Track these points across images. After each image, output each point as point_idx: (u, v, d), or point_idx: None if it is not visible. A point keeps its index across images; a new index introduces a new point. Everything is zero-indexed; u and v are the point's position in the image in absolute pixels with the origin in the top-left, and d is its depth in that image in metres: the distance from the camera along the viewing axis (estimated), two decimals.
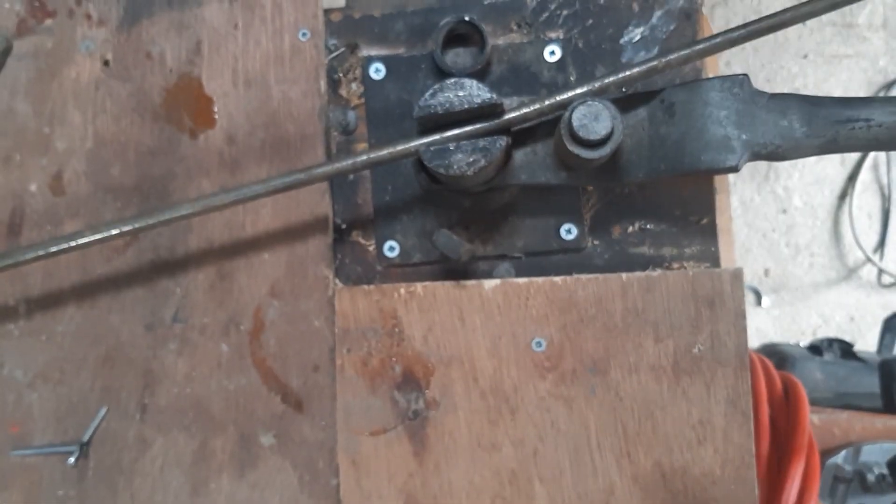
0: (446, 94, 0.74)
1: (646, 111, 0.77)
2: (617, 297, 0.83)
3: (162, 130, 0.90)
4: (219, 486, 0.87)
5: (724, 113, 0.74)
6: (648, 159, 0.77)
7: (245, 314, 0.88)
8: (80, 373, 0.89)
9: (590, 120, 0.71)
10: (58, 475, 0.89)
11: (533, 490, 0.83)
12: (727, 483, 0.81)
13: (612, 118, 0.72)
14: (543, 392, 0.83)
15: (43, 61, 0.92)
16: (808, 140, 0.74)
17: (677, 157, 0.75)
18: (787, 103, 0.75)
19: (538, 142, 0.78)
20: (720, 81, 0.75)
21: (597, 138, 0.71)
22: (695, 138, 0.75)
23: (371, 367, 0.85)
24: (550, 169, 0.78)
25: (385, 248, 0.88)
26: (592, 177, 0.78)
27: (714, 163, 0.74)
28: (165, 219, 0.79)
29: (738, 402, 0.81)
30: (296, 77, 0.89)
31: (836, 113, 0.73)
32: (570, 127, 0.72)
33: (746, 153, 0.74)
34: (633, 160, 0.78)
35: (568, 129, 0.72)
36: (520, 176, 0.79)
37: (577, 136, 0.72)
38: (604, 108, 0.72)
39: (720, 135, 0.74)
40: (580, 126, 0.71)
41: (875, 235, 2.63)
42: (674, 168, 0.75)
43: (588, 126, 0.71)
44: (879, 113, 0.72)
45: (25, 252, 0.81)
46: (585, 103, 0.72)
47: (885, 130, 0.72)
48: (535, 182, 0.79)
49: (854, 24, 2.66)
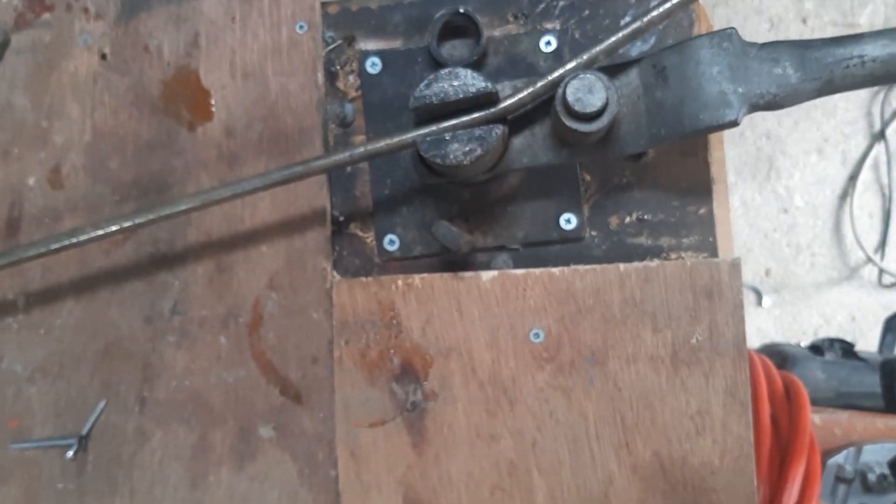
0: (441, 84, 0.74)
1: (639, 78, 0.77)
2: (615, 288, 0.83)
3: (160, 123, 0.90)
4: (218, 478, 0.87)
5: (717, 69, 0.74)
6: (648, 127, 0.77)
7: (244, 307, 0.88)
8: (79, 366, 0.89)
9: (584, 93, 0.72)
10: (57, 469, 0.89)
11: (532, 481, 0.83)
12: (726, 473, 0.81)
13: (605, 88, 0.72)
14: (542, 383, 0.83)
15: (41, 55, 0.92)
16: (804, 85, 0.74)
17: (676, 121, 0.75)
18: (778, 51, 0.75)
19: (535, 124, 0.78)
20: (709, 38, 0.75)
21: (593, 110, 0.71)
22: (691, 99, 0.75)
23: (369, 359, 0.85)
24: (551, 149, 0.78)
25: (385, 242, 0.88)
26: (594, 151, 0.78)
27: (714, 120, 0.74)
28: (165, 214, 0.79)
29: (736, 393, 0.81)
30: (293, 70, 0.89)
31: (828, 53, 0.73)
32: (566, 102, 0.72)
33: (744, 106, 0.74)
34: (632, 129, 0.77)
35: (564, 105, 0.72)
36: (521, 160, 0.79)
37: (573, 110, 0.72)
38: (596, 80, 0.72)
39: (716, 91, 0.74)
40: (575, 100, 0.71)
41: (876, 235, 2.63)
42: (674, 132, 0.76)
43: (583, 99, 0.71)
44: (871, 48, 0.72)
45: (26, 250, 0.81)
46: (577, 77, 0.72)
47: (880, 65, 0.72)
48: (538, 164, 0.79)
49: (855, 24, 2.66)
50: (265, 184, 0.79)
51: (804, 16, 2.68)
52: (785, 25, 2.68)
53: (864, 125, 2.64)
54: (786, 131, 2.65)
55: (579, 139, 0.75)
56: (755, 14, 2.68)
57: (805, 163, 2.64)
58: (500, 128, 0.74)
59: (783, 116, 2.64)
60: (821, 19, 2.67)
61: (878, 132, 2.63)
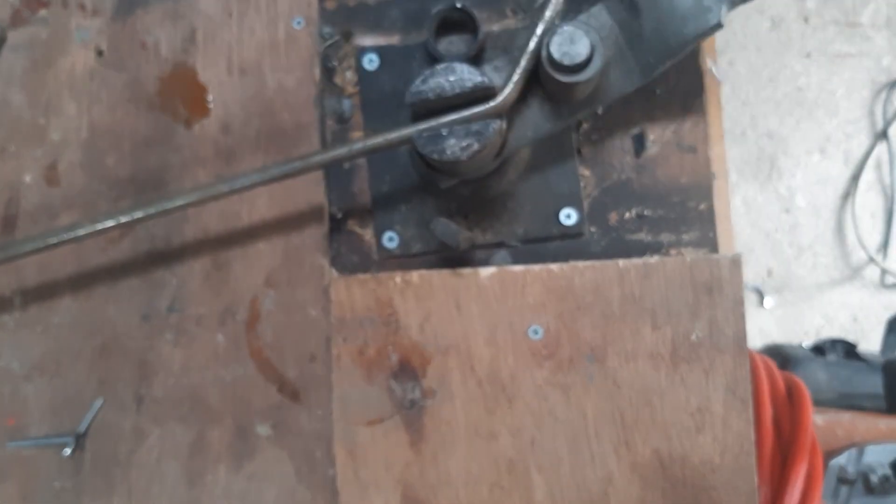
0: (437, 79, 0.74)
1: (611, 18, 0.77)
2: (614, 285, 0.82)
3: (157, 120, 0.90)
4: (215, 477, 0.87)
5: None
6: (636, 61, 0.77)
7: (241, 304, 0.87)
8: (76, 364, 0.89)
9: (568, 45, 0.72)
10: (54, 467, 0.88)
11: (531, 479, 0.82)
12: (726, 470, 0.80)
13: (586, 34, 0.72)
14: (541, 380, 0.83)
15: (37, 52, 0.92)
16: None
17: (662, 44, 0.76)
18: None
19: (527, 97, 0.78)
20: None
21: (582, 58, 0.71)
22: (669, 18, 0.75)
23: (367, 357, 0.85)
24: (551, 115, 0.78)
25: (384, 239, 0.87)
26: (595, 101, 0.78)
27: (698, 29, 0.75)
28: (163, 209, 0.79)
29: (736, 390, 0.80)
30: (290, 65, 0.89)
31: None
32: (553, 61, 0.72)
33: (724, 4, 0.75)
34: (622, 70, 0.78)
35: (552, 65, 0.72)
36: (526, 135, 0.78)
37: (563, 65, 0.72)
38: (575, 29, 0.72)
39: (690, 2, 0.75)
40: (562, 55, 0.71)
41: (878, 235, 2.62)
42: (664, 55, 0.76)
43: (570, 52, 0.71)
44: None
45: (23, 245, 0.80)
46: (556, 33, 0.72)
47: None
48: (543, 134, 0.78)
49: (857, 23, 2.65)
50: (263, 179, 0.78)
51: (806, 15, 2.68)
52: (786, 24, 2.67)
53: (867, 124, 2.64)
54: (788, 131, 2.65)
55: (577, 93, 0.75)
56: (757, 13, 2.68)
57: (807, 162, 2.64)
58: (497, 122, 0.74)
59: (785, 116, 2.64)
60: (822, 18, 2.67)
61: (881, 132, 2.62)
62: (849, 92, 2.64)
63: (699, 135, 0.83)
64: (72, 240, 0.79)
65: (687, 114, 0.84)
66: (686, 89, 0.84)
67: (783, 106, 2.65)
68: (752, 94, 2.65)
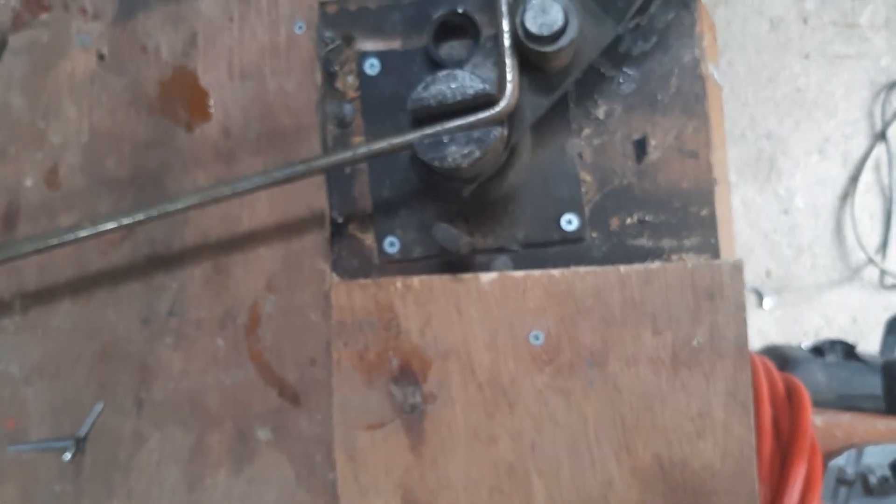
0: (439, 86, 0.74)
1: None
2: (615, 290, 0.82)
3: (157, 123, 0.90)
4: (215, 481, 0.87)
5: None
6: (604, 10, 0.77)
7: (241, 308, 0.87)
8: (75, 368, 0.89)
9: (542, 16, 0.72)
10: (54, 470, 0.88)
11: (531, 483, 0.82)
12: (727, 476, 0.80)
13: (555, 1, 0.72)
14: (541, 385, 0.82)
15: (38, 55, 0.92)
16: None
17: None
18: None
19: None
20: None
21: (560, 24, 0.71)
22: None
23: (368, 361, 0.85)
24: (544, 90, 0.78)
25: (385, 244, 0.87)
26: (580, 62, 0.78)
27: None
28: (166, 211, 0.79)
29: (737, 395, 0.80)
30: (291, 69, 0.88)
31: None
32: (532, 35, 0.72)
33: None
34: (594, 22, 0.78)
35: (532, 39, 0.72)
36: (526, 116, 0.79)
37: (543, 37, 0.72)
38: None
39: None
40: (540, 27, 0.72)
41: (877, 236, 2.62)
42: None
43: (546, 22, 0.71)
44: None
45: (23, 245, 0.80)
46: (527, 8, 0.72)
47: None
48: (543, 110, 0.78)
49: (856, 23, 2.65)
50: (266, 182, 0.78)
51: (805, 16, 2.68)
52: (786, 25, 2.67)
53: (866, 125, 2.64)
54: (787, 132, 2.65)
55: (562, 59, 0.75)
56: (756, 14, 2.68)
57: (806, 163, 2.64)
58: (498, 129, 0.74)
59: (784, 117, 2.64)
60: (821, 19, 2.67)
61: (880, 132, 2.62)
62: (848, 93, 2.64)
63: (701, 140, 0.83)
64: (74, 241, 0.79)
65: (689, 119, 0.83)
66: (688, 94, 0.84)
67: (782, 107, 2.65)
68: (751, 94, 2.65)
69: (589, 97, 0.85)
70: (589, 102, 0.85)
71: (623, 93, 0.85)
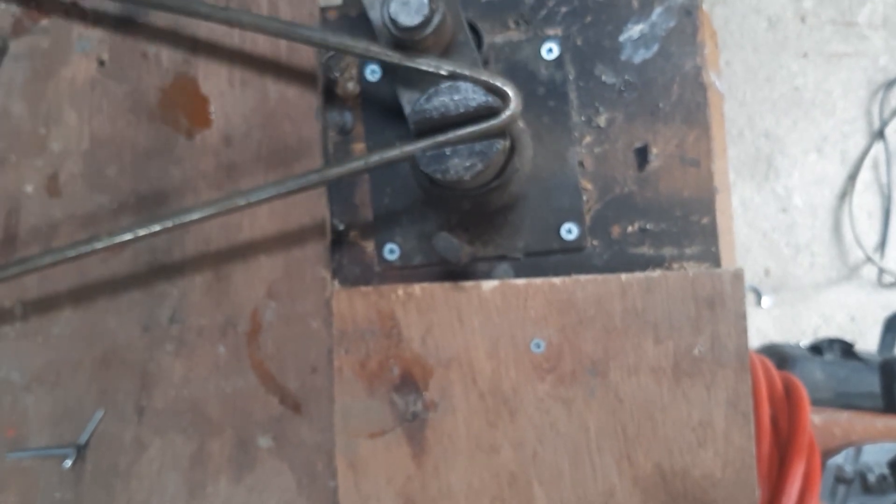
0: (442, 97, 0.74)
1: None
2: (616, 298, 0.82)
3: (158, 131, 0.90)
4: (216, 489, 0.87)
5: None
6: None
7: (242, 316, 0.87)
8: (76, 375, 0.89)
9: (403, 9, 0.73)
10: (54, 478, 0.88)
11: (532, 492, 0.82)
12: (728, 485, 0.80)
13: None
14: (542, 394, 0.83)
15: (38, 61, 0.91)
16: None
17: None
18: None
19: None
20: None
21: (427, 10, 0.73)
22: None
23: (369, 369, 0.85)
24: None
25: (385, 251, 0.87)
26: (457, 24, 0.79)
27: None
28: (181, 222, 0.80)
29: (738, 404, 0.80)
30: (292, 77, 0.88)
31: None
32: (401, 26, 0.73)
33: None
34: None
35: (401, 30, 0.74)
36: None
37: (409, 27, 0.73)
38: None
39: None
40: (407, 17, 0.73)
41: (875, 235, 2.63)
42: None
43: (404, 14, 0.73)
44: None
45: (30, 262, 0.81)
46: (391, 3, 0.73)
47: None
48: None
49: (854, 22, 2.65)
50: (280, 192, 0.80)
51: (802, 14, 2.67)
52: (783, 24, 2.67)
53: (864, 124, 2.64)
54: (784, 131, 2.65)
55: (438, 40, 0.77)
56: (753, 13, 2.68)
57: (804, 162, 2.64)
58: (500, 142, 0.74)
59: (782, 116, 2.64)
60: (819, 18, 2.67)
61: (878, 131, 2.62)
62: (845, 92, 2.65)
63: (702, 149, 0.83)
64: (75, 258, 0.80)
65: (690, 128, 0.83)
66: (689, 103, 0.84)
67: (780, 106, 2.65)
68: (748, 94, 2.65)
69: (590, 105, 0.85)
70: (590, 111, 0.85)
71: (624, 101, 0.85)
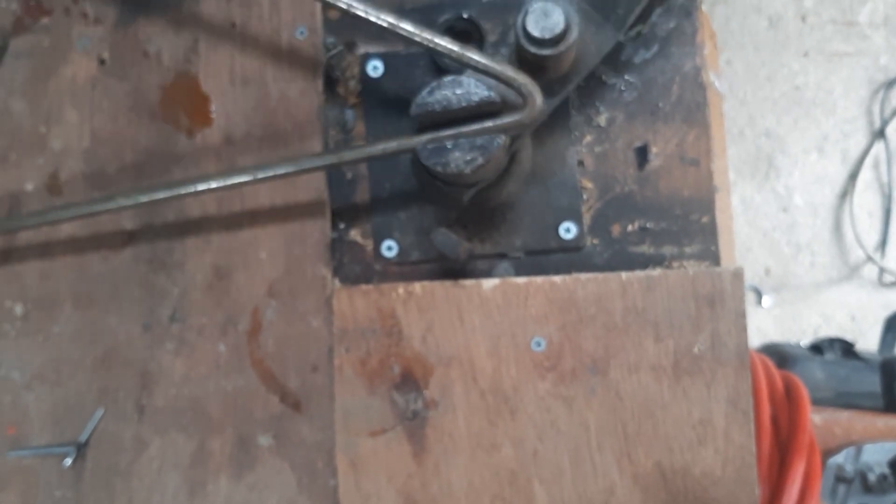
0: (444, 91, 0.74)
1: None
2: (617, 297, 0.82)
3: (159, 129, 0.90)
4: (217, 487, 0.87)
5: None
6: (604, 16, 0.77)
7: (243, 314, 0.87)
8: (77, 373, 0.89)
9: (544, 20, 0.71)
10: (55, 476, 0.88)
11: (533, 490, 0.83)
12: (728, 483, 0.80)
13: (555, 3, 0.71)
14: (543, 392, 0.83)
15: (39, 60, 0.91)
16: None
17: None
18: None
19: None
20: None
21: (562, 27, 0.71)
22: None
23: (370, 368, 0.85)
24: (545, 94, 0.77)
25: (383, 248, 0.87)
26: (581, 68, 0.78)
27: None
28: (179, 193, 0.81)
29: (738, 402, 0.80)
30: (293, 75, 0.88)
31: None
32: (533, 38, 0.72)
33: None
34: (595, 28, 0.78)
35: (532, 41, 0.72)
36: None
37: (543, 41, 0.71)
38: (545, 2, 0.71)
39: None
40: (541, 30, 0.71)
41: (876, 234, 2.62)
42: (631, 2, 0.77)
43: (546, 26, 0.71)
44: None
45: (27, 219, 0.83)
46: (529, 11, 0.71)
47: None
48: (543, 117, 0.78)
49: (855, 21, 2.65)
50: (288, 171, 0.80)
51: (803, 13, 2.67)
52: (784, 23, 2.67)
53: (864, 123, 2.64)
54: (785, 130, 2.65)
55: (563, 64, 0.75)
56: (754, 12, 2.67)
57: (805, 161, 2.64)
58: (501, 136, 0.73)
59: (783, 115, 2.64)
60: (820, 17, 2.67)
61: (878, 130, 2.62)
62: (846, 91, 2.64)
63: (702, 148, 0.83)
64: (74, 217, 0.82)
65: (690, 127, 0.84)
66: (689, 103, 0.84)
67: (781, 105, 2.65)
68: (749, 93, 2.65)
69: (591, 105, 0.85)
70: (591, 110, 0.85)
71: (625, 100, 0.85)
